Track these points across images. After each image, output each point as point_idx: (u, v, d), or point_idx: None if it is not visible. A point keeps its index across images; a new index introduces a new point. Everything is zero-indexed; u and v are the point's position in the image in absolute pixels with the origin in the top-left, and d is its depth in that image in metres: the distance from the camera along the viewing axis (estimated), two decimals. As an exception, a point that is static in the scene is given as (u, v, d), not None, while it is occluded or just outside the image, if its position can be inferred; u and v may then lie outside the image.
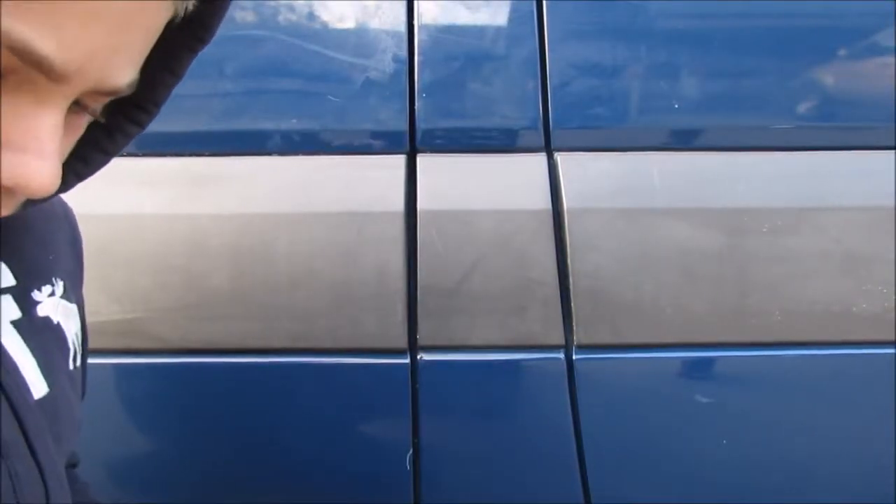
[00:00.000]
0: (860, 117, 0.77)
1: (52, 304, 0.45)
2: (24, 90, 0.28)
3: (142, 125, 0.38)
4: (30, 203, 0.35)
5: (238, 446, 0.77)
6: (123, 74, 0.31)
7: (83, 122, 0.34)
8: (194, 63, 0.47)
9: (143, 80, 0.34)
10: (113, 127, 0.37)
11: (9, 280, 0.42)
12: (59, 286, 0.47)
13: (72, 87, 0.29)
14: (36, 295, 0.44)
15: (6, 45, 0.26)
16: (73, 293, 0.50)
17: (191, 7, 0.33)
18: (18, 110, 0.29)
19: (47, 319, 0.45)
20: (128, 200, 0.75)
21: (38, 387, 0.42)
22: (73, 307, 0.49)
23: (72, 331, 0.48)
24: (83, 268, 0.53)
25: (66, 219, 0.52)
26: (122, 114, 0.37)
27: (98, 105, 0.33)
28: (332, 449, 0.76)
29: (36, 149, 0.29)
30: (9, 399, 0.40)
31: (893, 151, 0.76)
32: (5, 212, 0.32)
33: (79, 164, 0.37)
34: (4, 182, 0.29)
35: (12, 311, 0.42)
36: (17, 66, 0.27)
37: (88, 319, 0.53)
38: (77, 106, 0.31)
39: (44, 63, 0.27)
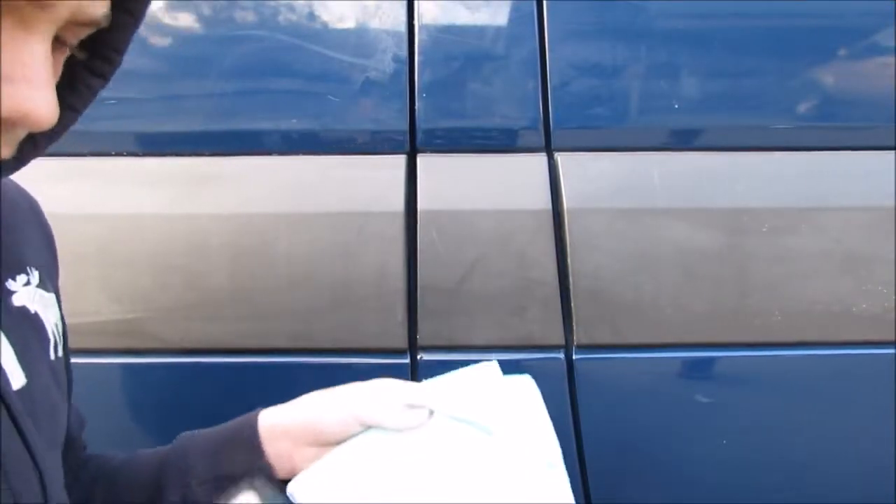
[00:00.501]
0: (860, 117, 0.77)
1: (27, 293, 0.45)
2: (13, 18, 0.29)
3: (106, 77, 0.37)
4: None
5: (238, 446, 0.77)
6: (98, 6, 0.32)
7: (61, 59, 0.34)
8: (194, 63, 0.46)
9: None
10: (78, 83, 0.37)
11: None
12: (35, 275, 0.46)
13: (55, 13, 0.29)
14: (10, 284, 0.43)
15: None
16: (50, 283, 0.49)
17: None
18: (8, 41, 0.29)
19: (24, 309, 0.44)
20: (128, 200, 0.75)
21: (17, 377, 0.41)
22: (51, 296, 0.48)
23: (51, 321, 0.47)
24: (57, 260, 0.53)
25: (33, 210, 0.51)
26: (84, 67, 0.37)
27: (75, 40, 0.33)
28: (332, 449, 0.76)
29: (32, 78, 0.29)
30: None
31: (893, 151, 0.76)
32: (6, 152, 0.32)
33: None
34: (6, 114, 0.29)
35: None
36: None
37: (88, 319, 0.53)
38: (56, 42, 0.31)
39: None
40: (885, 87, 0.76)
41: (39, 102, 0.29)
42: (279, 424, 0.55)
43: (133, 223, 0.74)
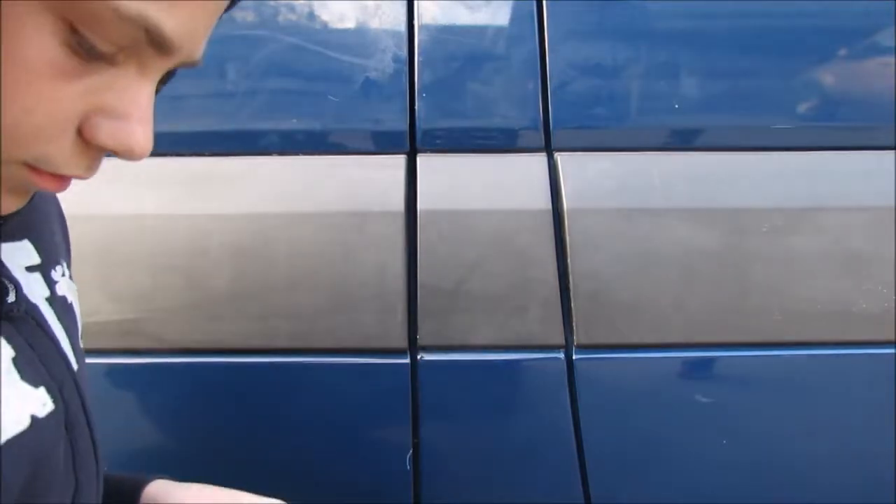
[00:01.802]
0: (860, 117, 0.77)
1: (65, 283, 0.46)
2: (132, 64, 0.32)
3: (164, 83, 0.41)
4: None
5: (238, 446, 0.77)
6: (202, 49, 0.35)
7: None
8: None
9: None
10: None
11: (35, 258, 0.43)
12: (65, 267, 0.48)
13: (171, 61, 0.33)
14: (54, 274, 0.45)
15: (143, 27, 0.30)
16: (71, 275, 0.50)
17: None
18: (126, 82, 0.32)
19: (64, 298, 0.45)
20: (128, 200, 0.75)
21: (72, 362, 0.43)
22: (75, 286, 0.49)
23: (78, 311, 0.48)
24: (70, 249, 0.53)
25: (55, 202, 0.52)
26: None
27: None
28: (332, 449, 0.76)
29: (139, 116, 0.33)
30: (70, 372, 0.40)
31: (893, 151, 0.76)
32: (91, 174, 0.35)
33: None
34: (112, 145, 0.32)
35: (43, 288, 0.43)
36: (138, 43, 0.31)
37: (88, 319, 0.53)
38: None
39: (165, 42, 0.31)
40: (885, 87, 0.76)
41: (142, 139, 0.33)
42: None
43: (133, 223, 0.74)
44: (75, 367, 0.43)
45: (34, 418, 0.37)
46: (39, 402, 0.38)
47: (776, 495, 0.77)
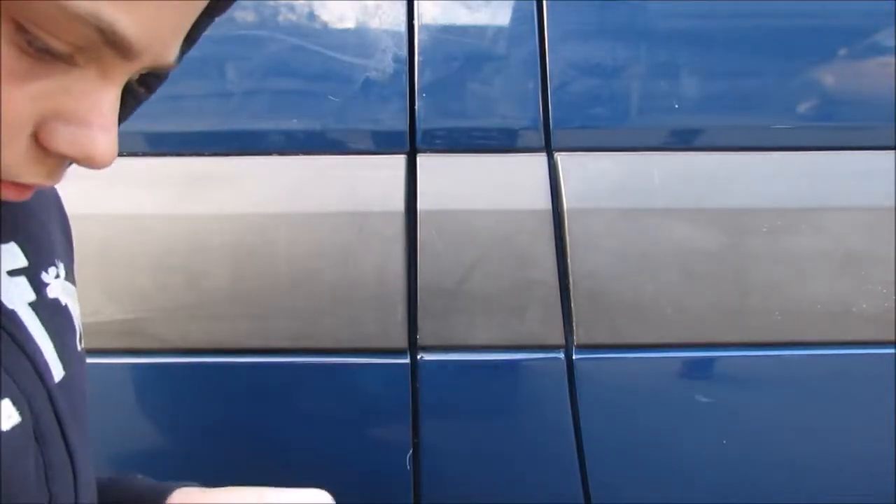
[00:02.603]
0: (860, 117, 0.77)
1: (59, 285, 0.45)
2: (92, 67, 0.30)
3: (152, 90, 0.40)
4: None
5: (238, 446, 0.77)
6: (174, 52, 0.33)
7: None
8: (194, 63, 0.47)
9: None
10: (124, 92, 0.38)
11: (21, 261, 0.42)
12: (61, 268, 0.47)
13: (135, 64, 0.31)
14: (45, 276, 0.44)
15: (95, 26, 0.28)
16: (71, 276, 0.49)
17: None
18: (85, 86, 0.31)
19: (56, 301, 0.44)
20: (128, 200, 0.75)
21: (57, 369, 0.42)
22: (74, 289, 0.48)
23: (76, 313, 0.47)
24: (73, 252, 0.53)
25: (56, 200, 0.51)
26: (127, 91, 0.38)
27: (136, 74, 0.35)
28: (332, 449, 0.76)
29: (101, 123, 0.31)
30: (43, 383, 0.40)
31: (893, 151, 0.76)
32: (54, 182, 0.34)
33: None
34: (71, 154, 0.31)
35: (28, 292, 0.41)
36: (94, 44, 0.29)
37: (88, 319, 0.53)
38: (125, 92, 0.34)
39: (123, 43, 0.29)
40: (885, 87, 0.76)
41: (104, 147, 0.31)
42: None
43: (133, 223, 0.74)
44: (57, 375, 0.42)
45: None
46: (4, 413, 0.36)
47: (776, 495, 0.77)
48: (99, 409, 0.66)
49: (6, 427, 0.36)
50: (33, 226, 0.46)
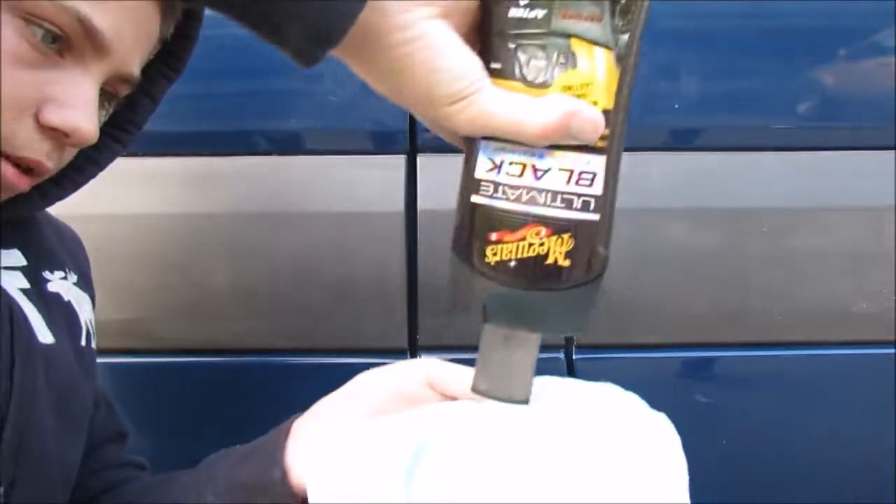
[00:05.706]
0: (860, 117, 0.77)
1: (63, 284, 0.49)
2: (77, 66, 0.40)
3: (124, 144, 0.49)
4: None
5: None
6: (135, 64, 0.43)
7: (102, 116, 0.45)
8: (195, 62, 0.48)
9: (127, 103, 0.47)
10: (101, 145, 0.46)
11: (20, 261, 0.47)
12: (73, 276, 0.51)
13: (107, 63, 0.40)
14: (47, 274, 0.48)
15: (76, 17, 0.38)
16: (84, 287, 0.52)
17: (169, 37, 0.46)
18: (71, 79, 0.40)
19: (57, 295, 0.48)
20: (128, 200, 0.75)
21: (44, 334, 0.45)
22: (86, 296, 0.52)
23: (84, 314, 0.50)
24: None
25: (79, 245, 0.57)
26: (108, 135, 0.47)
27: (122, 93, 0.44)
28: (332, 449, 0.76)
29: (84, 107, 0.40)
30: (12, 337, 0.41)
31: (893, 151, 0.76)
32: (57, 166, 0.42)
33: (75, 174, 0.47)
34: (62, 126, 0.39)
35: (21, 282, 0.46)
36: (77, 35, 0.39)
37: (88, 318, 0.53)
38: (102, 95, 0.42)
39: (97, 35, 0.39)
40: (885, 87, 0.76)
41: (85, 123, 0.40)
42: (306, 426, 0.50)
43: (133, 223, 0.74)
44: (45, 339, 0.44)
45: None
46: None
47: (776, 495, 0.77)
48: (99, 409, 0.66)
49: None
50: (48, 240, 0.50)
